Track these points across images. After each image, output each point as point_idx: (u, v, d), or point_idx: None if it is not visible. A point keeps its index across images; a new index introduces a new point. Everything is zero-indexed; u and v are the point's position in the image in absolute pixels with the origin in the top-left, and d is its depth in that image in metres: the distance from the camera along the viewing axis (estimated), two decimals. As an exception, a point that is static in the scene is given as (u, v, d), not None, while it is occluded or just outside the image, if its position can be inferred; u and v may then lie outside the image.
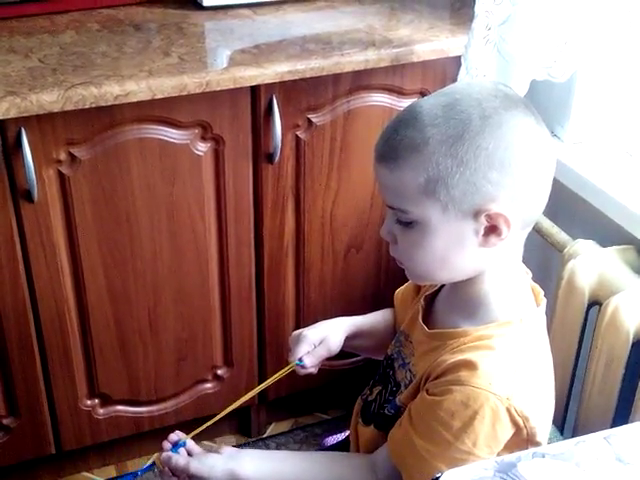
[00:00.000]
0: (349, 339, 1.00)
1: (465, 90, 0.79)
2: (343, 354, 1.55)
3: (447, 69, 1.34)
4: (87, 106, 1.10)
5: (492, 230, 0.76)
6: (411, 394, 0.84)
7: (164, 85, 1.14)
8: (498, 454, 0.75)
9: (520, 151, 0.75)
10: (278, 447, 1.62)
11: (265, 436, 1.64)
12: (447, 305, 0.86)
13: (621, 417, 1.01)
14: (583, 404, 1.08)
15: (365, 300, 1.54)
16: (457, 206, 0.75)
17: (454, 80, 1.25)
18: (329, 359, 1.57)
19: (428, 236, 0.77)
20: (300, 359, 0.94)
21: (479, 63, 1.09)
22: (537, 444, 0.79)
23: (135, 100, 1.13)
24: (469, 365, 0.76)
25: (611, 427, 0.84)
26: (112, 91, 1.11)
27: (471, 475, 0.56)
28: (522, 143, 0.75)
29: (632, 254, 1.08)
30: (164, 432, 1.54)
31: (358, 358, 1.58)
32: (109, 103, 1.11)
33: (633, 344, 0.98)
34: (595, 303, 1.07)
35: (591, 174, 1.18)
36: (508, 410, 0.74)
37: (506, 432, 0.76)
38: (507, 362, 0.77)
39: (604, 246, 1.11)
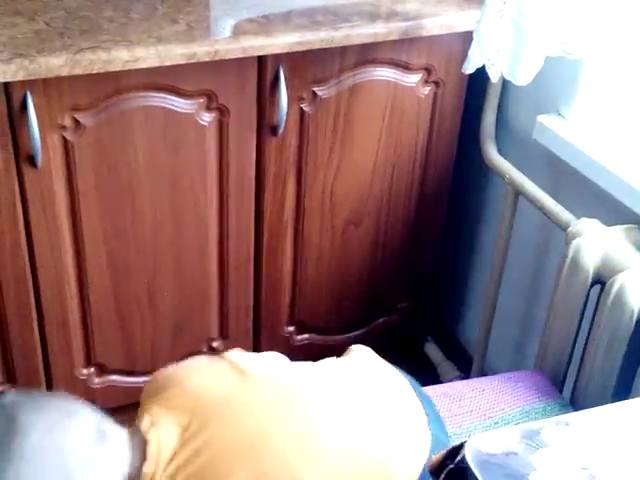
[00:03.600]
0: None
1: None
2: (346, 328, 1.57)
3: (453, 45, 1.34)
4: (95, 71, 1.08)
5: None
6: None
7: (173, 52, 1.12)
8: None
9: None
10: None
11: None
12: None
13: (621, 393, 1.03)
14: (582, 382, 1.10)
15: (362, 277, 1.55)
16: None
17: (462, 56, 1.24)
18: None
19: None
20: None
21: (492, 38, 1.09)
22: None
23: (144, 66, 1.11)
24: None
25: (611, 402, 0.86)
26: (121, 56, 1.09)
27: (497, 440, 0.57)
28: None
29: (636, 233, 1.09)
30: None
31: (358, 333, 1.60)
32: (117, 69, 1.10)
33: (637, 322, 0.99)
34: (597, 282, 1.09)
35: (595, 153, 1.19)
36: None
37: None
38: None
39: (607, 225, 1.12)
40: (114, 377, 1.45)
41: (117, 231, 1.29)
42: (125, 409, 1.52)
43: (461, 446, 0.58)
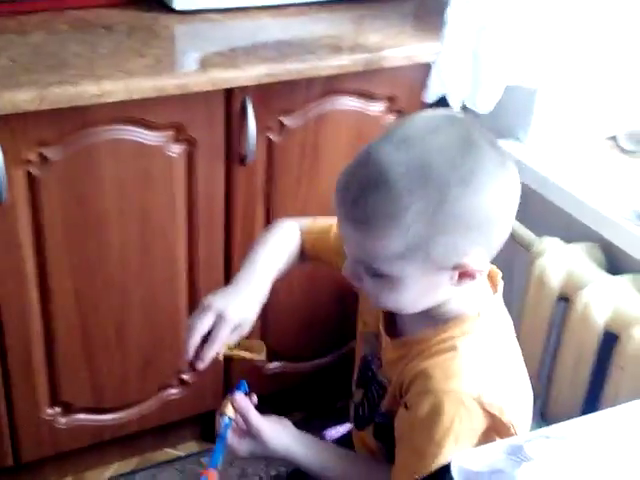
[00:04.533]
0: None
1: (432, 142, 0.74)
2: (318, 354, 1.57)
3: (415, 75, 1.37)
4: (63, 106, 1.08)
5: (466, 275, 0.78)
6: (390, 401, 0.86)
7: (142, 86, 1.13)
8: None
9: (497, 209, 0.76)
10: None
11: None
12: (408, 314, 0.86)
13: (590, 406, 1.06)
14: (552, 396, 1.12)
15: (332, 304, 1.56)
16: (435, 265, 0.75)
17: (423, 85, 1.28)
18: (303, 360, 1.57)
19: (401, 287, 0.77)
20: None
21: (452, 68, 1.13)
22: (513, 434, 0.78)
23: (112, 100, 1.11)
24: (436, 371, 0.77)
25: (581, 415, 0.89)
26: (89, 90, 1.09)
27: (483, 458, 0.58)
28: (498, 201, 0.75)
29: (596, 250, 1.14)
30: (124, 441, 1.52)
31: (330, 358, 1.60)
32: (85, 103, 1.09)
33: (602, 335, 1.03)
34: (562, 298, 1.12)
35: (552, 174, 1.23)
36: (481, 405, 0.77)
37: (481, 423, 0.78)
38: (471, 359, 0.79)
39: (568, 243, 1.16)
40: (81, 416, 1.42)
41: (84, 267, 1.27)
42: (91, 450, 1.49)
43: (446, 467, 0.59)
